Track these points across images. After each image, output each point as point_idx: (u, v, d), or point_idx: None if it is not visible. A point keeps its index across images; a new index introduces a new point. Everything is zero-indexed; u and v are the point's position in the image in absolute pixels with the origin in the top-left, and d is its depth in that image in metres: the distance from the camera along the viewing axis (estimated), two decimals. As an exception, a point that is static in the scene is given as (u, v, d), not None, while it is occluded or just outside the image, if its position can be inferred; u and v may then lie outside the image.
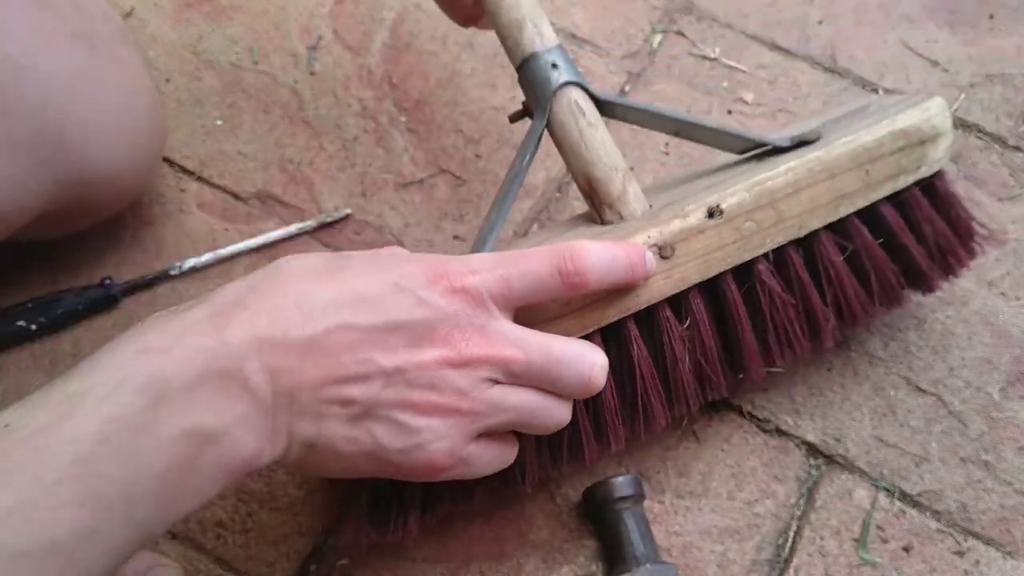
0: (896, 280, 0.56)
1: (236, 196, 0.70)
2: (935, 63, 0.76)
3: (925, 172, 0.54)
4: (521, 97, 0.58)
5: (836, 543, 0.57)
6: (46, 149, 0.53)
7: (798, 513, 0.58)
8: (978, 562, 0.57)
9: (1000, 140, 0.72)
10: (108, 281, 0.64)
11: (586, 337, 0.49)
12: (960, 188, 0.59)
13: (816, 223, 0.52)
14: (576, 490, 0.59)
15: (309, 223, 0.67)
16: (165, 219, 0.68)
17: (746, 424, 0.61)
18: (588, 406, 0.51)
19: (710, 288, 0.52)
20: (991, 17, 0.78)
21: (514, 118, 0.59)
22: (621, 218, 0.53)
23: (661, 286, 0.49)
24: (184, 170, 0.71)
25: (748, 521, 0.58)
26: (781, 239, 0.52)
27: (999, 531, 0.57)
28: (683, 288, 0.50)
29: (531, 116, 0.56)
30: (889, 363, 0.63)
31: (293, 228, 0.67)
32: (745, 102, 0.74)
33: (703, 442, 0.60)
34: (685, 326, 0.51)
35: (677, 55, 0.76)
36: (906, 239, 0.55)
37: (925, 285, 0.58)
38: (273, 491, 0.59)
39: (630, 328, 0.50)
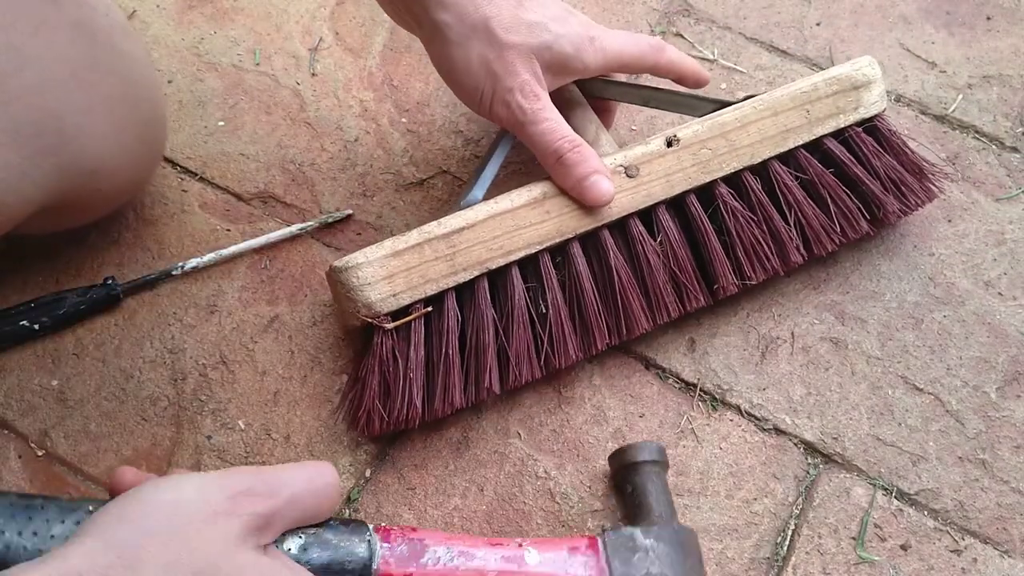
0: (853, 204, 0.63)
1: (238, 196, 0.70)
2: (932, 64, 0.76)
3: (864, 113, 0.63)
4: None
5: (834, 541, 0.57)
6: (47, 137, 0.53)
7: (796, 511, 0.59)
8: (975, 560, 0.57)
9: (997, 141, 0.72)
10: (111, 281, 0.64)
11: (565, 243, 0.58)
12: (905, 133, 0.66)
13: (767, 152, 0.61)
14: (576, 488, 0.59)
15: (310, 223, 0.68)
16: (167, 219, 0.69)
17: (744, 423, 0.61)
18: (573, 307, 0.59)
19: (680, 211, 0.61)
20: (988, 18, 0.78)
21: None
22: None
23: (629, 200, 0.58)
24: (186, 171, 0.71)
25: (746, 519, 0.58)
26: (736, 164, 0.60)
27: (996, 529, 0.58)
28: (650, 203, 0.59)
29: None
30: (887, 362, 0.63)
31: (294, 228, 0.68)
32: (744, 103, 0.75)
33: (702, 441, 0.61)
34: (658, 241, 0.60)
35: (676, 56, 0.76)
36: (857, 170, 0.63)
37: (883, 213, 0.64)
38: (274, 489, 0.59)
39: (606, 238, 0.59)
